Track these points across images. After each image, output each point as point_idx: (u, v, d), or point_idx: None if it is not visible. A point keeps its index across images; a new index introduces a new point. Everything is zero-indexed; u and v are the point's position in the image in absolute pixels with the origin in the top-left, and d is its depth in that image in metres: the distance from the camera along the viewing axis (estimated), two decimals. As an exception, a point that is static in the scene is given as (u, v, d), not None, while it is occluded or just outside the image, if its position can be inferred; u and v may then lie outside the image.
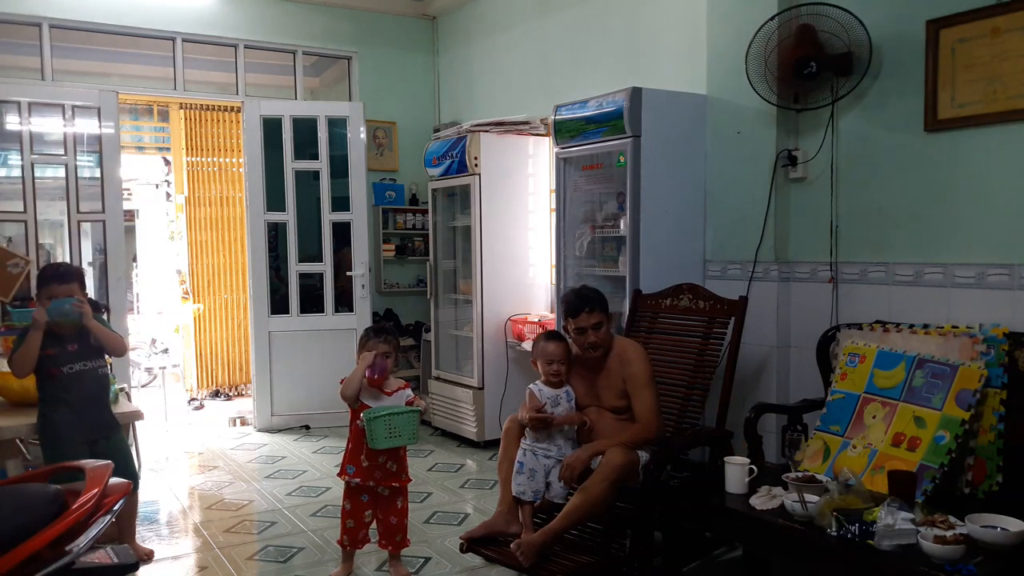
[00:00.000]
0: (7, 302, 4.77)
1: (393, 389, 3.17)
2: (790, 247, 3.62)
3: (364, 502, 3.15)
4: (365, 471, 3.08)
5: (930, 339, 2.83)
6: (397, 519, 3.17)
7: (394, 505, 3.17)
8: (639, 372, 3.03)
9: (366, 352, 3.10)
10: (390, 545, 3.18)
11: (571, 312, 3.07)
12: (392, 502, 3.16)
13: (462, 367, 5.45)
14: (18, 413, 3.31)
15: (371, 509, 3.16)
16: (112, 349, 3.27)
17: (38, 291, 3.15)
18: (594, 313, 3.04)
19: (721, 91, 3.79)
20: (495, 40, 5.90)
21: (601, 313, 3.06)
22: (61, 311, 3.06)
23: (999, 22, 2.85)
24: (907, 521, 2.22)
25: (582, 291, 3.14)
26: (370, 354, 3.08)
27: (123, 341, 3.43)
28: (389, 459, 3.10)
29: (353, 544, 3.18)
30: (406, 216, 6.54)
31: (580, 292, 3.14)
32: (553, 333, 3.29)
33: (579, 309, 3.04)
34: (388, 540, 3.17)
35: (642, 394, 3.00)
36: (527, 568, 2.72)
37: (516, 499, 3.02)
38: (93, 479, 2.06)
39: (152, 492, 4.35)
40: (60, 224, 5.42)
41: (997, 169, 2.90)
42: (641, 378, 3.02)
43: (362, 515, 3.16)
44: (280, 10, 6.06)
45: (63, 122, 5.22)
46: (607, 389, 3.10)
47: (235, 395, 7.02)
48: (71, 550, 1.89)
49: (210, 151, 6.90)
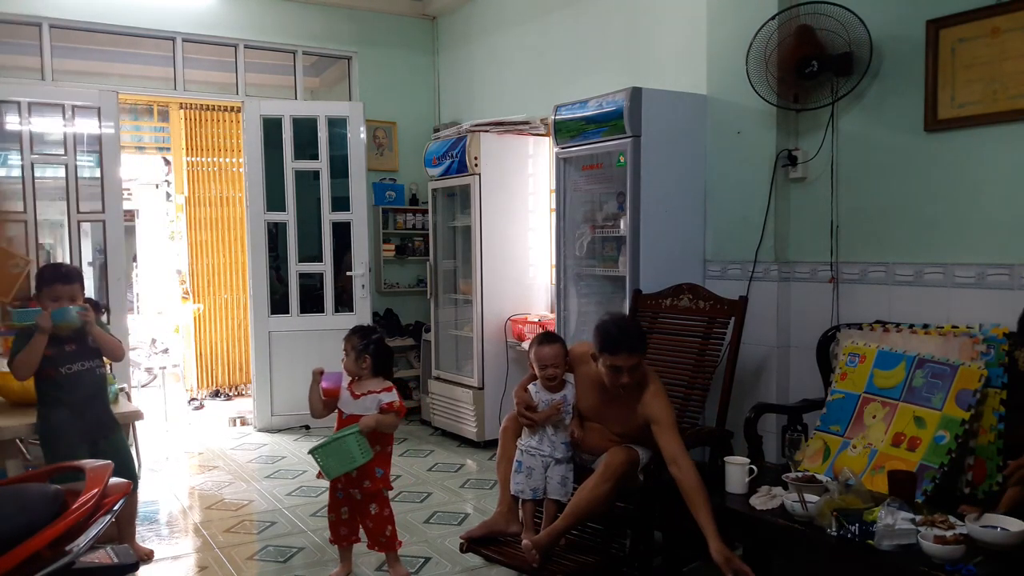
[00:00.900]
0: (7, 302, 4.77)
1: (362, 392, 3.15)
2: (790, 247, 3.62)
3: (339, 499, 3.18)
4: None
5: (930, 339, 2.83)
6: (374, 524, 3.15)
7: (367, 510, 3.14)
8: (666, 415, 2.81)
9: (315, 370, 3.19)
10: (376, 545, 3.18)
11: (609, 349, 2.78)
12: (365, 506, 3.15)
13: (462, 367, 5.45)
14: (18, 413, 3.32)
15: (347, 506, 3.18)
16: (110, 353, 3.28)
17: (40, 291, 3.14)
18: (634, 355, 2.78)
19: (721, 91, 3.78)
20: (495, 40, 5.90)
21: (640, 354, 2.81)
22: (66, 317, 3.06)
23: (999, 22, 2.85)
24: (907, 521, 2.22)
25: (626, 327, 2.86)
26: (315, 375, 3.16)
27: (121, 346, 3.44)
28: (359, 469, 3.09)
29: (338, 540, 3.21)
30: (406, 216, 6.54)
31: (624, 328, 2.84)
32: (548, 335, 3.17)
33: (619, 348, 2.76)
34: (373, 541, 3.18)
35: (672, 435, 2.77)
36: (535, 568, 2.72)
37: (515, 498, 3.02)
38: (93, 479, 2.06)
39: (152, 492, 4.35)
40: (60, 224, 5.42)
41: (997, 169, 2.90)
42: (668, 419, 2.80)
43: (339, 511, 3.19)
44: (280, 10, 6.06)
45: (63, 122, 5.22)
46: (616, 418, 2.95)
47: (235, 395, 7.02)
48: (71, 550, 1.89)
49: (210, 151, 6.90)
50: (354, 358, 3.17)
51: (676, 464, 2.70)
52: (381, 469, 3.15)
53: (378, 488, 3.14)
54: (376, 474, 3.12)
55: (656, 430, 2.80)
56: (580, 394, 3.05)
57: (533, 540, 2.74)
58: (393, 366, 3.35)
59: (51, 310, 3.05)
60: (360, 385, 3.18)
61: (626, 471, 2.83)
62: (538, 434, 3.01)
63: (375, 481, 3.12)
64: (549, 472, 2.99)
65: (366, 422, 3.03)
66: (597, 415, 3.01)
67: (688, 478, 2.65)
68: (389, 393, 3.16)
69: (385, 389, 3.17)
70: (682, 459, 2.70)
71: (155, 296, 9.22)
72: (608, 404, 2.95)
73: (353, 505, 3.17)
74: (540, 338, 3.13)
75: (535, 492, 2.99)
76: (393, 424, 3.12)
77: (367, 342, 3.17)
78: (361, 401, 3.14)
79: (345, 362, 3.20)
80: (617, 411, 2.93)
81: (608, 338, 2.79)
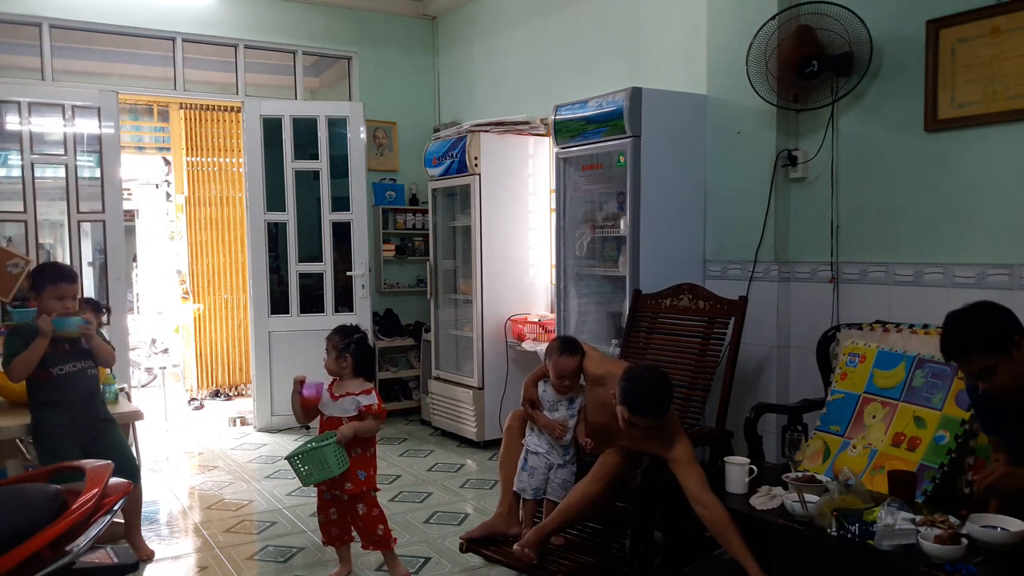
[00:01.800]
0: (7, 302, 4.77)
1: (341, 393, 3.11)
2: (790, 247, 3.62)
3: (327, 500, 3.16)
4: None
5: (930, 339, 2.83)
6: (364, 524, 3.12)
7: (354, 510, 3.10)
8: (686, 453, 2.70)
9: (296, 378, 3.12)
10: (370, 544, 3.14)
11: (631, 408, 2.64)
12: (352, 507, 3.11)
13: (462, 367, 5.45)
14: (18, 413, 3.31)
15: (335, 507, 3.15)
16: (103, 361, 3.30)
17: (41, 289, 3.12)
18: (655, 419, 2.67)
19: (721, 91, 3.78)
20: (495, 40, 5.90)
21: (662, 418, 2.69)
22: (67, 327, 3.07)
23: (999, 22, 2.85)
24: (907, 521, 2.22)
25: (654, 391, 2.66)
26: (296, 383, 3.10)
27: (114, 353, 3.47)
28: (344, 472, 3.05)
29: (331, 540, 3.19)
30: (406, 216, 6.53)
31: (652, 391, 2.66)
32: (569, 344, 3.03)
33: (641, 412, 2.64)
34: (367, 540, 3.14)
35: (693, 471, 2.67)
36: (532, 565, 2.72)
37: (517, 495, 3.02)
38: (93, 479, 2.07)
39: (152, 492, 4.34)
40: (60, 224, 5.42)
41: (997, 169, 2.90)
42: (688, 456, 2.70)
43: (327, 512, 3.16)
44: (280, 10, 6.06)
45: (63, 122, 5.22)
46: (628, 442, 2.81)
47: (235, 395, 7.02)
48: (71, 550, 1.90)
49: (210, 151, 6.90)
50: (335, 357, 3.12)
51: (701, 503, 2.61)
52: (363, 472, 3.08)
53: (361, 490, 3.08)
54: (358, 477, 3.07)
55: (675, 468, 2.70)
56: (591, 409, 2.98)
57: (521, 542, 2.74)
58: (376, 367, 3.29)
59: (54, 316, 3.05)
60: (340, 386, 3.13)
61: (620, 472, 2.82)
62: (544, 435, 3.02)
63: (357, 483, 3.07)
64: (552, 474, 2.99)
65: (344, 432, 2.98)
66: (606, 433, 2.90)
67: (716, 515, 2.57)
68: (368, 396, 3.09)
69: (364, 391, 3.10)
70: (706, 496, 2.61)
71: (155, 296, 9.21)
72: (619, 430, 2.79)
73: (341, 506, 3.14)
74: (561, 346, 3.01)
75: (536, 492, 2.99)
76: (372, 428, 3.08)
77: (348, 341, 3.11)
78: (340, 403, 3.09)
79: (326, 361, 3.14)
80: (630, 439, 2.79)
81: (633, 398, 2.65)
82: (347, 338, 3.13)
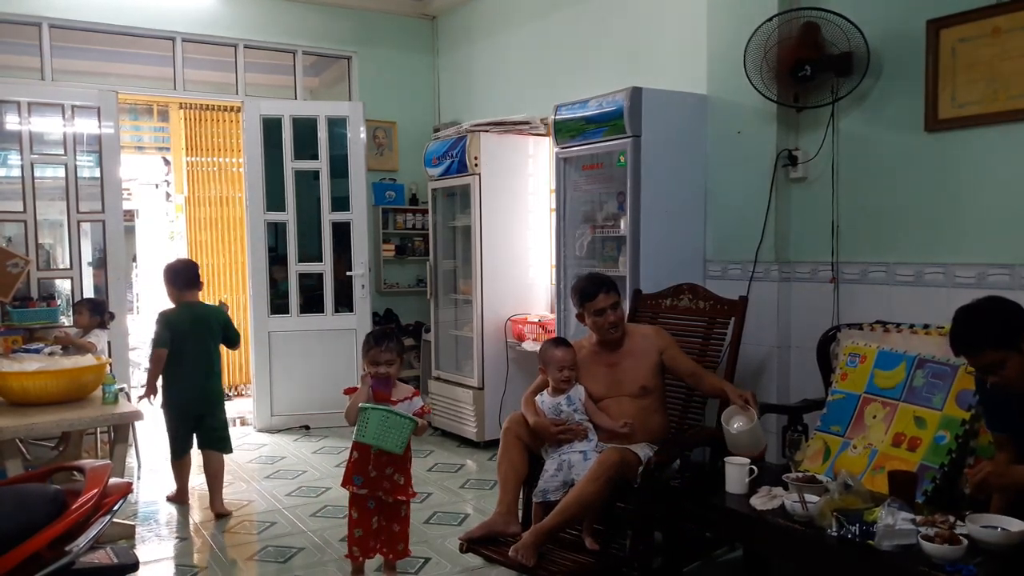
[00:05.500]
0: (7, 302, 4.77)
1: (399, 398, 3.03)
2: (790, 247, 3.62)
3: (371, 509, 3.02)
4: (373, 482, 2.96)
5: (930, 339, 2.83)
6: (400, 527, 3.05)
7: (398, 513, 3.04)
8: (670, 340, 3.21)
9: (364, 375, 3.02)
10: (391, 553, 3.05)
11: (587, 296, 3.14)
12: (396, 509, 3.04)
13: (462, 367, 5.45)
14: (18, 413, 3.31)
15: (377, 516, 3.03)
16: None
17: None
18: (610, 294, 3.14)
19: (721, 91, 3.78)
20: (495, 40, 5.90)
21: (616, 294, 3.17)
22: None
23: (999, 22, 2.85)
24: (907, 521, 2.22)
25: (593, 276, 3.30)
26: (367, 378, 3.00)
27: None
28: (396, 471, 2.99)
29: (364, 553, 3.03)
30: (406, 216, 6.53)
31: (592, 277, 3.27)
32: (559, 340, 3.30)
33: (596, 292, 3.13)
34: (390, 548, 3.04)
35: (683, 354, 3.20)
36: (530, 567, 2.72)
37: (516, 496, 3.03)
38: (93, 479, 2.07)
39: (152, 492, 4.34)
40: (60, 224, 5.42)
41: (997, 169, 2.90)
42: (674, 343, 3.22)
43: (369, 523, 3.02)
44: (280, 10, 6.06)
45: (63, 122, 5.22)
46: (632, 371, 3.13)
47: (235, 395, 7.01)
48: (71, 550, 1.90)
49: (210, 151, 6.90)
50: (399, 364, 3.06)
51: (694, 376, 3.14)
52: (404, 477, 3.03)
53: (408, 496, 3.03)
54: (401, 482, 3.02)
55: (669, 359, 3.14)
56: (587, 378, 3.15)
57: (516, 545, 2.74)
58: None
59: None
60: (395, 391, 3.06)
61: (618, 472, 2.82)
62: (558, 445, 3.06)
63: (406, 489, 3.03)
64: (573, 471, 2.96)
65: (422, 424, 2.95)
66: (612, 385, 3.13)
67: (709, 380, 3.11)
68: (419, 398, 3.08)
69: (414, 394, 3.07)
70: (698, 369, 3.16)
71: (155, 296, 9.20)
72: (615, 367, 3.13)
73: (386, 512, 3.03)
74: (552, 342, 3.23)
75: (544, 494, 2.98)
76: (425, 429, 3.04)
77: (402, 345, 3.09)
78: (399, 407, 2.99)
79: (392, 372, 3.02)
80: (631, 366, 3.13)
81: (583, 291, 3.16)
82: (400, 342, 3.08)
